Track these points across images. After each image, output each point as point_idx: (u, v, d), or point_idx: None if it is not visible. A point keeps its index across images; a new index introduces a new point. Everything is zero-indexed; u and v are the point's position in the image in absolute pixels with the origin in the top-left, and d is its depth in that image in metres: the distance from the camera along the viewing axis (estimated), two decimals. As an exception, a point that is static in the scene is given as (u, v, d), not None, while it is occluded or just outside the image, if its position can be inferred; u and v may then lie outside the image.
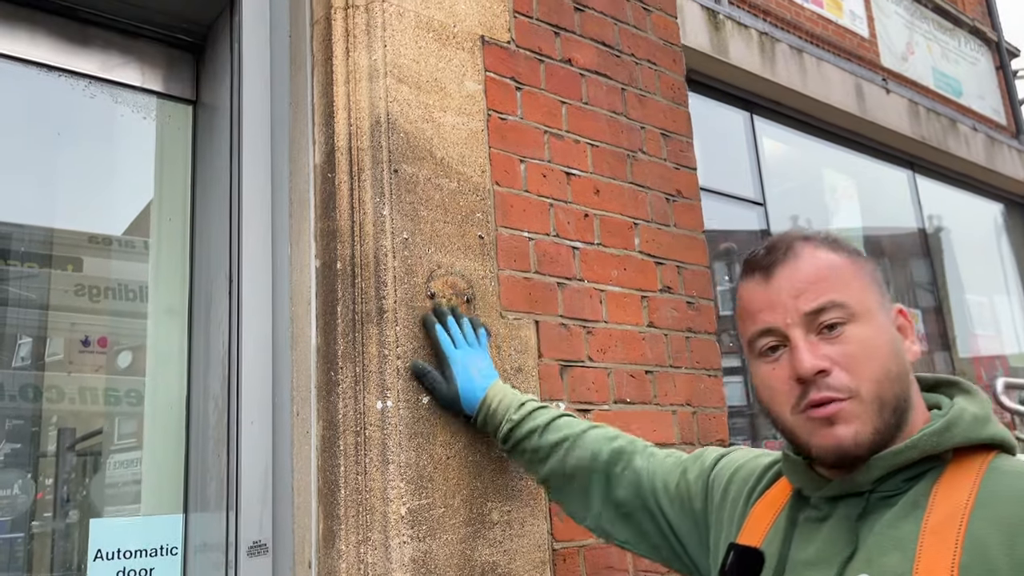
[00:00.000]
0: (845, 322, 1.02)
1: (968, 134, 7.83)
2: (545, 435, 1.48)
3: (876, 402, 1.00)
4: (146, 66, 1.89)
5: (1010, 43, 9.27)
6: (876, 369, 1.00)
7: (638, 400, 1.93)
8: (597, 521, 1.43)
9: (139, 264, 1.97)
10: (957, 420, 1.01)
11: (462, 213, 1.73)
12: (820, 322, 1.03)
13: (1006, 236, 8.73)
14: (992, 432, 1.01)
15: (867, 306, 1.04)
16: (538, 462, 1.49)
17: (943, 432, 1.00)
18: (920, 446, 0.99)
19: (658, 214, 2.12)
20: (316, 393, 1.60)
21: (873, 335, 1.02)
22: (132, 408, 1.90)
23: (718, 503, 1.26)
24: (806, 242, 1.08)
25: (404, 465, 1.51)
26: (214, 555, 1.63)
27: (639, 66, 2.21)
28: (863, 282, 1.06)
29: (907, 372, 1.04)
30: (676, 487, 1.34)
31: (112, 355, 1.96)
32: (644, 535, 1.37)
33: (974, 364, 7.72)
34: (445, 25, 1.81)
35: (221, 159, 1.82)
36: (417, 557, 1.48)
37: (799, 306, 1.03)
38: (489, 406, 1.53)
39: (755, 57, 5.80)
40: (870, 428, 0.99)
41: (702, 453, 1.37)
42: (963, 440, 1.00)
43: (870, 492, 1.02)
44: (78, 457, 1.96)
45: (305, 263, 1.68)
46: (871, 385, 1.00)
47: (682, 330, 2.08)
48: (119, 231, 2.00)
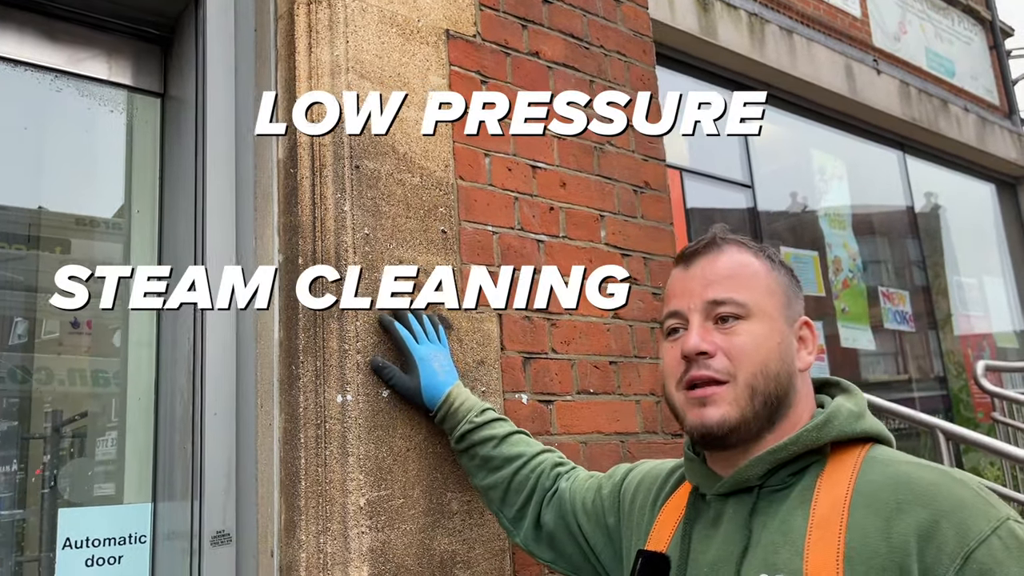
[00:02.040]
0: (740, 317, 1.11)
1: (960, 115, 7.82)
2: (501, 447, 1.53)
3: (748, 390, 1.08)
4: (113, 59, 1.90)
5: (1004, 22, 9.22)
6: (756, 362, 1.09)
7: (602, 390, 1.96)
8: (525, 540, 1.50)
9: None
10: (834, 416, 1.09)
11: (425, 208, 1.75)
12: (717, 313, 1.12)
13: (996, 216, 8.75)
14: (865, 426, 1.10)
15: (765, 309, 1.12)
16: (488, 470, 1.54)
17: (822, 427, 1.09)
18: (801, 441, 1.08)
19: (625, 206, 2.14)
20: (279, 386, 1.63)
21: (761, 333, 1.11)
22: (114, 391, 1.93)
23: (627, 513, 1.34)
24: (733, 243, 1.18)
25: (363, 457, 1.54)
26: (181, 543, 1.67)
27: (608, 58, 2.22)
28: (770, 289, 1.14)
29: (789, 375, 1.12)
30: (592, 504, 1.41)
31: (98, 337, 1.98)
32: (565, 556, 1.45)
33: (961, 343, 7.77)
34: (409, 20, 1.82)
35: (188, 152, 1.84)
36: (375, 547, 1.52)
37: (704, 294, 1.13)
38: (451, 404, 1.57)
39: (744, 39, 5.79)
40: (737, 413, 1.08)
41: (615, 470, 1.46)
42: (839, 434, 1.08)
43: (759, 487, 1.10)
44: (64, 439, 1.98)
45: (269, 257, 1.71)
46: (747, 375, 1.09)
47: (647, 321, 2.10)
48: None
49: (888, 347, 7.10)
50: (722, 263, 1.15)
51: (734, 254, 1.16)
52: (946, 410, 7.28)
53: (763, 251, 1.18)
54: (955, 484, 0.99)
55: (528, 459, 1.52)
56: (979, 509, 0.96)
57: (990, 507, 0.97)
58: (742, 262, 1.16)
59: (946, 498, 0.97)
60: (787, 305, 1.15)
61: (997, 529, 0.94)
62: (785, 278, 1.17)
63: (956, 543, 0.93)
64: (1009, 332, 8.49)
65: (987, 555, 0.92)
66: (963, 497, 0.97)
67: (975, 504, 0.96)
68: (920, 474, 1.01)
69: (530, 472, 1.51)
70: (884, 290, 7.03)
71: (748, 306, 1.12)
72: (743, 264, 1.15)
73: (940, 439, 3.37)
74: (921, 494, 0.98)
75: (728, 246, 1.17)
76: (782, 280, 1.17)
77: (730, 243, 1.18)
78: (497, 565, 1.68)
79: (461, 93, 1.87)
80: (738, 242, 1.19)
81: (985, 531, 0.94)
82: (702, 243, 1.19)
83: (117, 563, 1.69)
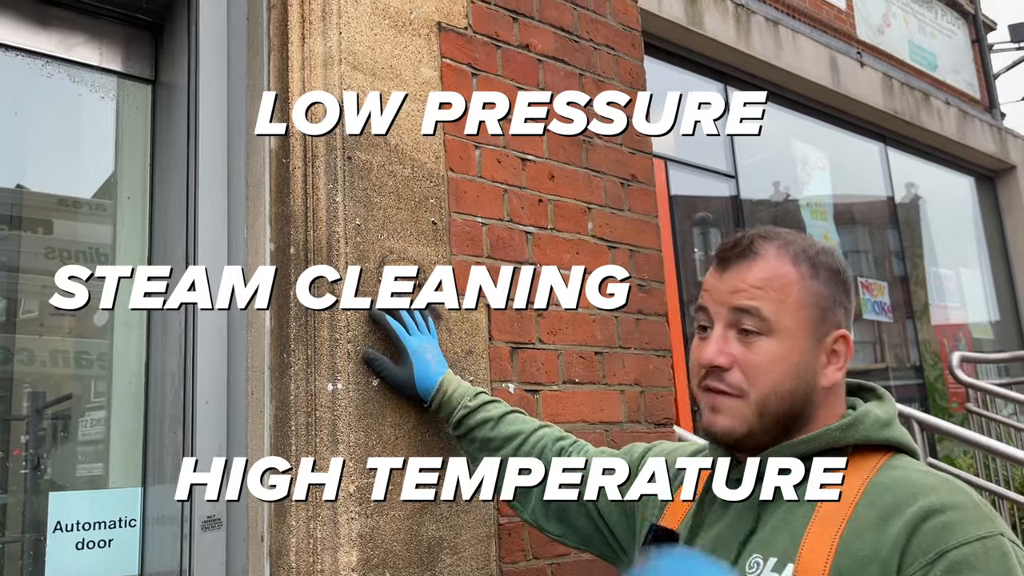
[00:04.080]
0: (760, 333, 1.11)
1: (941, 108, 7.90)
2: (499, 427, 1.56)
3: (758, 408, 1.10)
4: (105, 45, 1.90)
5: (987, 16, 9.31)
6: (769, 383, 1.10)
7: (587, 380, 2.00)
8: (532, 515, 1.52)
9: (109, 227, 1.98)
10: (861, 420, 1.10)
11: (415, 199, 1.77)
12: (741, 323, 1.12)
13: (975, 209, 8.87)
14: (890, 435, 1.10)
15: (788, 326, 1.10)
16: (488, 452, 1.56)
17: (846, 429, 1.10)
18: (824, 438, 1.10)
19: (612, 199, 2.17)
20: (269, 374, 1.65)
21: (781, 353, 1.10)
22: (100, 373, 1.93)
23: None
24: (773, 246, 1.14)
25: (353, 445, 1.57)
26: (171, 528, 1.69)
27: (598, 51, 2.24)
28: (801, 302, 1.12)
29: (807, 392, 1.11)
30: None
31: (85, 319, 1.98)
32: (575, 529, 1.47)
33: (937, 333, 7.89)
34: (401, 12, 1.84)
35: (179, 139, 1.85)
36: (364, 532, 1.55)
37: (731, 301, 1.13)
38: (445, 391, 1.60)
39: (730, 29, 5.82)
40: (744, 427, 1.11)
41: (631, 448, 1.48)
42: (863, 438, 1.09)
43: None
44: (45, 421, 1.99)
45: (260, 246, 1.72)
46: (759, 394, 1.10)
47: (633, 312, 2.14)
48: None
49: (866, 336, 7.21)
50: (754, 271, 1.12)
51: (770, 261, 1.13)
52: (922, 399, 7.41)
53: (805, 254, 1.14)
54: (955, 490, 0.99)
55: (527, 435, 1.54)
56: (972, 516, 0.95)
57: (986, 519, 0.96)
58: (776, 273, 1.12)
59: (941, 498, 0.97)
60: (820, 320, 1.12)
61: (985, 539, 0.93)
62: (825, 287, 1.13)
63: (935, 539, 0.94)
64: (984, 324, 8.62)
65: (962, 556, 0.92)
66: (959, 501, 0.97)
67: (969, 510, 0.96)
68: (923, 479, 1.02)
69: (531, 448, 1.53)
70: (864, 281, 7.12)
71: (771, 322, 1.10)
72: (777, 275, 1.12)
73: (916, 429, 3.44)
74: (917, 493, 0.99)
75: (767, 250, 1.13)
76: (819, 290, 1.12)
77: (770, 246, 1.14)
78: (483, 550, 1.72)
79: (452, 86, 1.89)
80: (780, 243, 1.14)
81: (971, 536, 0.93)
82: (741, 244, 1.15)
83: (107, 546, 1.71)
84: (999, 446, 3.43)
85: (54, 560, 1.66)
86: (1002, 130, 8.77)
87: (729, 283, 1.13)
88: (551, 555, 1.82)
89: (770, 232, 1.17)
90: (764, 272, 1.12)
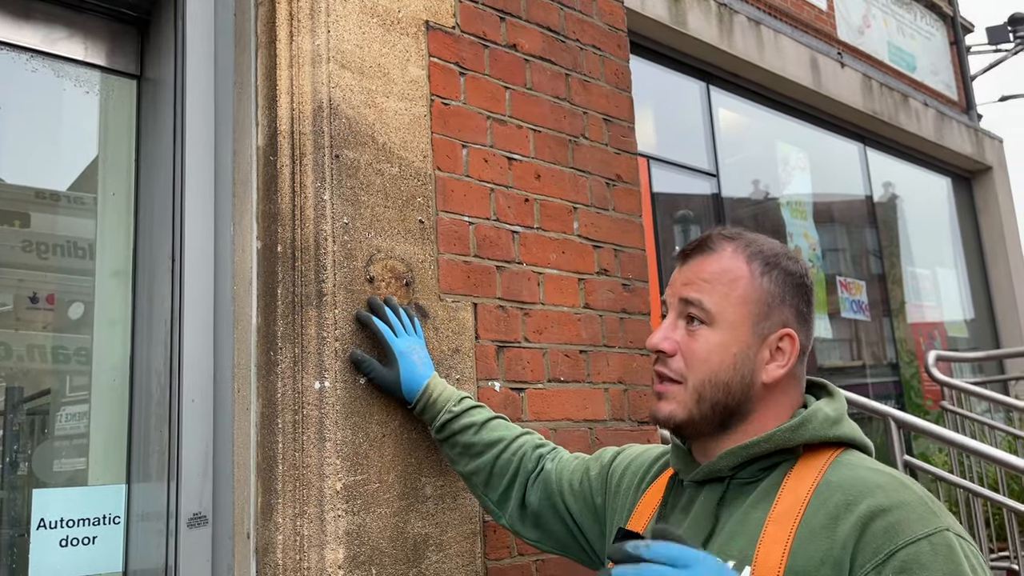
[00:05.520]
0: (703, 322, 1.16)
1: (919, 109, 7.99)
2: (481, 433, 1.58)
3: (695, 394, 1.15)
4: (89, 40, 1.89)
5: (965, 18, 9.42)
6: (705, 371, 1.15)
7: (572, 379, 2.02)
8: (511, 521, 1.55)
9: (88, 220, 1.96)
10: (809, 419, 1.13)
11: (403, 198, 1.78)
12: (688, 312, 1.18)
13: (951, 209, 8.98)
14: (840, 431, 1.13)
15: (730, 318, 1.15)
16: (469, 456, 1.58)
17: (796, 429, 1.12)
18: (774, 439, 1.12)
19: (598, 198, 2.19)
20: (256, 372, 1.65)
21: (719, 343, 1.15)
22: (82, 368, 1.92)
23: (613, 494, 1.40)
24: (730, 245, 1.19)
25: (340, 443, 1.58)
26: (155, 525, 1.69)
27: (584, 51, 2.26)
28: (745, 298, 1.16)
29: (745, 386, 1.15)
30: (580, 485, 1.47)
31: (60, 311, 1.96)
32: (551, 534, 1.51)
33: (913, 331, 7.99)
34: (389, 10, 1.84)
35: (165, 135, 1.84)
36: (351, 530, 1.56)
37: (681, 292, 1.19)
38: (430, 395, 1.61)
39: (713, 28, 5.85)
40: (684, 413, 1.16)
41: (602, 452, 1.51)
42: (812, 437, 1.12)
43: (730, 478, 1.15)
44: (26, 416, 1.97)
45: (247, 244, 1.72)
46: (695, 380, 1.15)
47: (617, 311, 2.16)
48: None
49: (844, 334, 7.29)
50: (706, 266, 1.17)
51: (723, 259, 1.17)
52: (897, 395, 7.50)
53: (761, 254, 1.17)
54: (900, 487, 1.01)
55: (508, 442, 1.57)
56: (918, 513, 0.98)
57: (931, 514, 0.98)
58: (726, 268, 1.16)
59: (887, 497, 1.00)
60: (763, 315, 1.15)
61: (932, 536, 0.96)
62: (775, 286, 1.16)
63: (884, 539, 0.96)
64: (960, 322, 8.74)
65: (911, 555, 0.94)
66: (904, 499, 1.00)
67: (915, 508, 0.98)
68: (871, 477, 1.04)
69: (512, 455, 1.55)
70: (842, 280, 7.20)
71: (712, 313, 1.15)
72: (726, 270, 1.16)
73: (892, 427, 3.49)
74: (865, 492, 1.01)
75: (725, 248, 1.18)
76: (768, 288, 1.16)
77: (729, 244, 1.18)
78: (468, 547, 1.73)
79: (440, 84, 1.90)
80: (740, 243, 1.18)
81: (918, 534, 0.96)
82: (701, 242, 1.20)
83: (91, 543, 1.71)
84: (974, 444, 3.48)
85: (37, 557, 1.65)
86: (979, 131, 8.89)
87: (684, 275, 1.20)
88: (535, 552, 1.84)
89: (734, 232, 1.21)
90: (715, 267, 1.17)
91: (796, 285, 1.18)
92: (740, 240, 1.19)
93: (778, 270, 1.17)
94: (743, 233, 1.21)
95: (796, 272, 1.18)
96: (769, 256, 1.18)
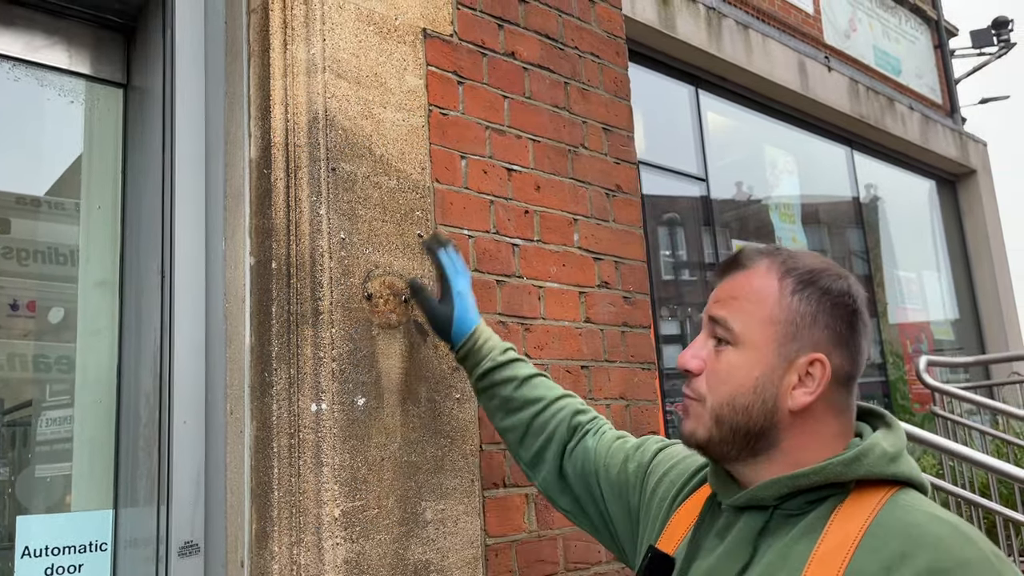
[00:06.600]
0: (728, 343, 1.11)
1: (905, 113, 8.01)
2: (522, 389, 1.52)
3: (714, 416, 1.11)
4: (73, 47, 1.82)
5: (949, 22, 9.46)
6: (725, 393, 1.10)
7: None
8: (544, 485, 1.50)
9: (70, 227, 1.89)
10: (867, 453, 1.04)
11: (401, 212, 1.72)
12: (715, 331, 1.13)
13: (935, 212, 9.02)
14: (897, 470, 1.04)
15: (755, 341, 1.09)
16: (507, 411, 1.53)
17: (851, 463, 1.04)
18: (825, 472, 1.04)
19: (598, 209, 2.14)
20: (250, 393, 1.59)
21: (741, 366, 1.09)
22: (63, 376, 1.85)
23: (648, 499, 1.32)
24: (766, 261, 1.13)
25: (338, 467, 1.52)
26: (144, 551, 1.62)
27: (583, 59, 2.21)
28: (772, 318, 1.09)
29: (768, 412, 1.07)
30: (617, 475, 1.40)
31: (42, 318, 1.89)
32: (584, 512, 1.45)
33: (900, 333, 8.01)
34: (386, 18, 1.78)
35: (154, 146, 1.78)
36: (350, 558, 1.50)
37: (711, 310, 1.15)
38: (476, 339, 1.56)
39: (702, 32, 5.82)
40: (705, 433, 1.12)
41: (645, 444, 1.43)
42: (867, 473, 1.03)
43: (774, 508, 1.07)
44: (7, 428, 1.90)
45: (239, 260, 1.66)
46: (715, 403, 1.11)
47: (618, 325, 2.11)
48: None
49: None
50: (739, 284, 1.13)
51: (755, 276, 1.12)
52: (884, 397, 7.51)
53: (796, 271, 1.10)
54: (964, 543, 0.94)
55: (548, 403, 1.51)
56: (982, 573, 0.91)
57: (996, 574, 0.92)
58: (756, 287, 1.11)
59: (950, 555, 0.93)
60: (790, 337, 1.08)
61: None
62: (805, 305, 1.08)
63: None
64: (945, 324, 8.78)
65: None
66: (968, 558, 0.93)
67: (978, 569, 0.92)
68: (931, 527, 0.96)
69: (550, 417, 1.50)
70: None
71: (736, 333, 1.10)
72: (755, 288, 1.11)
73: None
74: (925, 546, 0.94)
75: (759, 264, 1.12)
76: (796, 308, 1.08)
77: (764, 260, 1.13)
78: (470, 573, 1.68)
79: (438, 94, 1.84)
80: (776, 259, 1.12)
81: None
82: (737, 259, 1.15)
83: (77, 572, 1.64)
84: (965, 451, 3.47)
85: (22, 587, 1.58)
86: (963, 135, 8.93)
87: (717, 292, 1.16)
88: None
89: (772, 248, 1.15)
90: (745, 284, 1.12)
91: (835, 304, 1.09)
92: (776, 256, 1.12)
93: (813, 288, 1.09)
94: (782, 249, 1.15)
95: (836, 290, 1.09)
96: (804, 273, 1.10)
